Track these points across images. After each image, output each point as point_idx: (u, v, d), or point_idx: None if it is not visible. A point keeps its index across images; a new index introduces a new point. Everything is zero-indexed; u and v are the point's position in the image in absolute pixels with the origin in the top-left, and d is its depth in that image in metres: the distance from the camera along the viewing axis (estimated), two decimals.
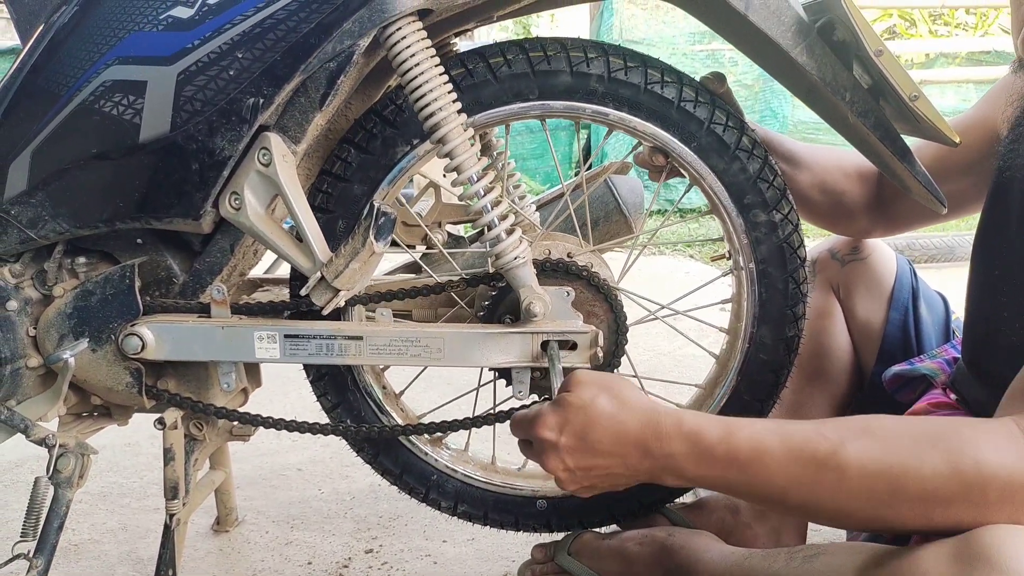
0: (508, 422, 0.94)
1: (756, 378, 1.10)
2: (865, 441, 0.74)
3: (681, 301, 1.17)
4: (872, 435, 0.74)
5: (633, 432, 0.79)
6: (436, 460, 1.16)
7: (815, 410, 1.27)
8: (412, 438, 1.15)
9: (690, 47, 5.76)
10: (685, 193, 1.14)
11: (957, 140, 0.94)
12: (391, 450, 1.15)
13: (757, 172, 1.03)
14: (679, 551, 1.04)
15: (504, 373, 1.05)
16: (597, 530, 1.17)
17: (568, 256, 1.08)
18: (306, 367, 1.12)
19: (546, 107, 1.02)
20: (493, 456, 1.20)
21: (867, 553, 0.77)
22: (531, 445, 0.85)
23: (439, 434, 1.12)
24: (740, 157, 1.02)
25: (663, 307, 1.14)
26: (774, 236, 1.04)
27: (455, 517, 1.18)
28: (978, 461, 0.70)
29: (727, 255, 1.11)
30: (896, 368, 1.21)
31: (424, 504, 1.18)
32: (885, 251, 1.33)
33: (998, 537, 0.67)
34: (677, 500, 1.20)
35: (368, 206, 1.03)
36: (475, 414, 1.09)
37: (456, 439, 1.21)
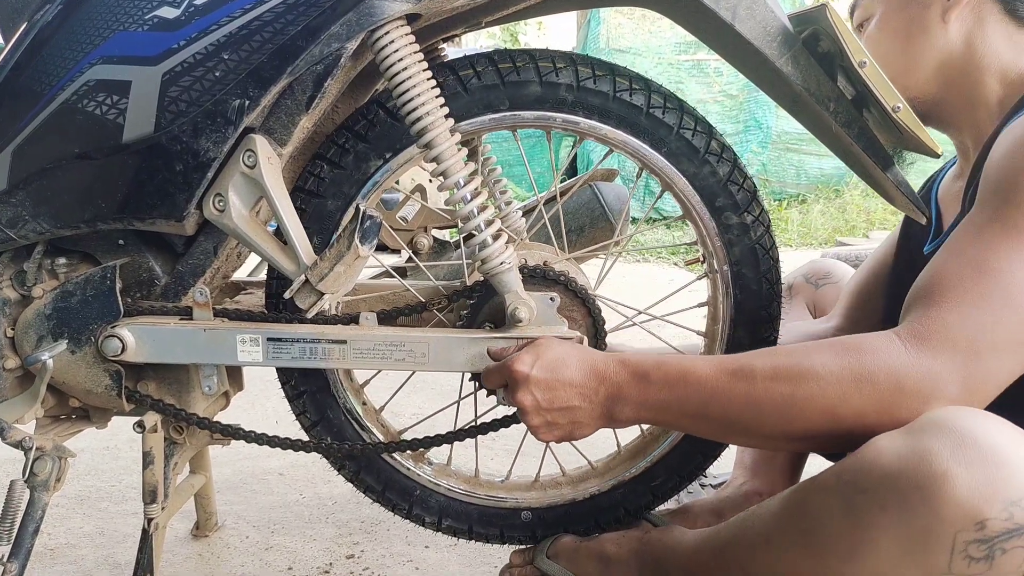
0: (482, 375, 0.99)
1: None
2: (769, 356, 0.87)
3: (658, 306, 1.17)
4: (774, 352, 0.88)
5: (590, 363, 0.91)
6: (419, 475, 1.15)
7: None
8: (394, 453, 1.14)
9: (676, 57, 5.80)
10: (658, 198, 1.15)
11: (939, 151, 0.95)
12: (373, 467, 1.14)
13: (727, 175, 1.04)
14: (655, 544, 1.05)
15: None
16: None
17: (544, 264, 1.08)
18: (285, 387, 1.11)
19: (517, 118, 1.02)
20: (476, 469, 1.19)
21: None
22: (505, 389, 0.95)
23: (421, 449, 1.12)
24: (710, 161, 1.03)
25: (640, 312, 1.14)
26: (746, 238, 1.05)
27: (439, 532, 1.17)
28: (862, 359, 0.81)
29: (701, 258, 1.11)
30: None
31: (408, 520, 1.17)
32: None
33: (947, 411, 0.76)
34: (660, 507, 1.20)
35: (354, 209, 1.02)
36: (456, 426, 1.08)
37: (438, 453, 1.20)
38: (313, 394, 1.10)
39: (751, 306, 1.07)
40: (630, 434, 1.17)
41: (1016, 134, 0.88)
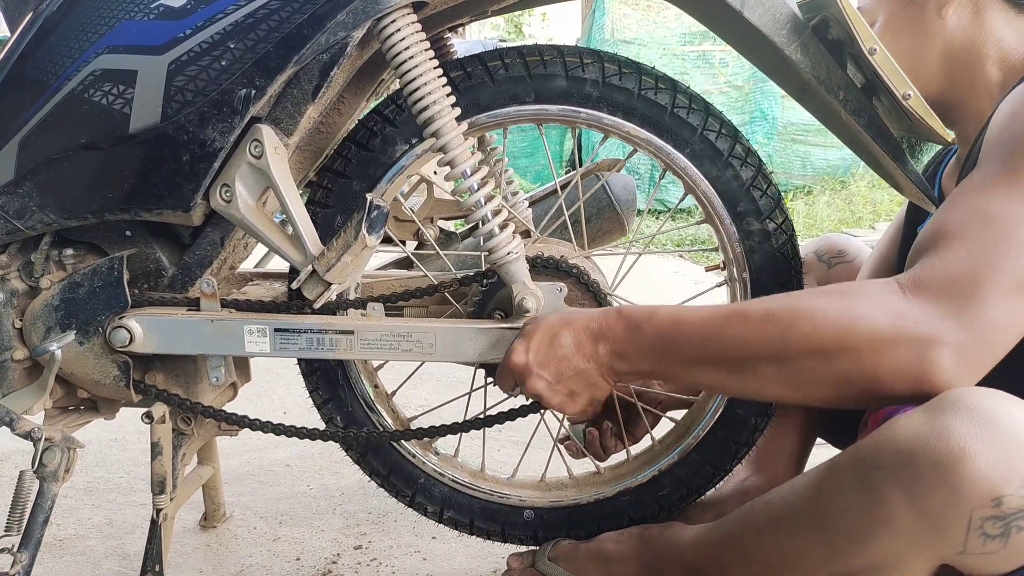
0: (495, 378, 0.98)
1: None
2: (764, 300, 0.87)
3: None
4: (771, 298, 0.88)
5: (582, 324, 0.91)
6: (424, 463, 1.15)
7: (798, 407, 1.27)
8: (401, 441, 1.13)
9: (681, 48, 5.77)
10: (681, 200, 1.14)
11: (949, 138, 0.95)
12: (379, 451, 1.14)
13: (750, 180, 1.02)
14: (654, 540, 1.05)
15: (493, 371, 1.05)
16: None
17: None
18: (300, 362, 1.11)
19: (543, 111, 1.02)
20: (483, 462, 1.19)
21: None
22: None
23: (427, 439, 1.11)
24: (733, 164, 1.02)
25: None
26: (767, 245, 1.04)
27: (440, 524, 1.17)
28: (859, 301, 0.79)
29: (721, 265, 1.10)
30: None
31: (410, 508, 1.17)
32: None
33: (962, 391, 0.75)
34: None
35: (361, 199, 1.02)
36: (467, 416, 1.08)
37: (446, 443, 1.20)
38: (326, 372, 1.11)
39: None
40: (641, 442, 1.16)
41: (1015, 97, 0.87)
